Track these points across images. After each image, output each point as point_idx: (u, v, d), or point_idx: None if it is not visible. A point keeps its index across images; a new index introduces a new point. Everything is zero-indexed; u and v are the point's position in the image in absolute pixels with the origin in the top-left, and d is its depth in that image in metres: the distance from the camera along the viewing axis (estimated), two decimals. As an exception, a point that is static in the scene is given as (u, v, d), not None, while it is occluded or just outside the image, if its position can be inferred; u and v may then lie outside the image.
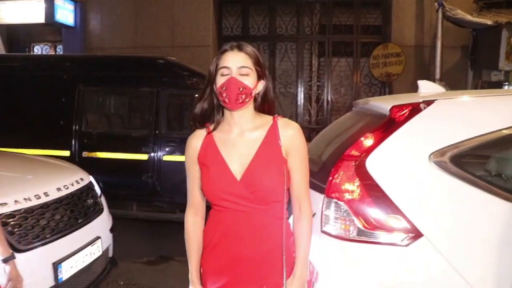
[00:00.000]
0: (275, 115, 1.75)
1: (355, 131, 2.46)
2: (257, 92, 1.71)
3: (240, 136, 1.71)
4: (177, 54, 7.99)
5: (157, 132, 5.37)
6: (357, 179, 2.06)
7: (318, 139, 3.44)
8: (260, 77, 1.70)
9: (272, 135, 1.70)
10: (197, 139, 1.76)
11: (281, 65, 8.94)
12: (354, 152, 2.12)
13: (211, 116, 1.75)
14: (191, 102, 5.85)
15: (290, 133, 1.70)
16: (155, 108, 5.40)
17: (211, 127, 1.75)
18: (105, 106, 5.98)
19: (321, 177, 2.32)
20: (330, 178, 2.12)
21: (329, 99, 8.67)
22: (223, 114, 1.74)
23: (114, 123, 5.85)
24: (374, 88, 8.67)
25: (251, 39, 8.82)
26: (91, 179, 3.45)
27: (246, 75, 1.65)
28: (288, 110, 8.91)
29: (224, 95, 1.65)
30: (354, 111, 3.05)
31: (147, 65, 5.62)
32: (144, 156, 5.34)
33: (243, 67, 1.65)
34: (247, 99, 1.66)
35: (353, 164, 2.08)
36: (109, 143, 5.49)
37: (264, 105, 1.75)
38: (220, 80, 1.66)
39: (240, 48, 1.68)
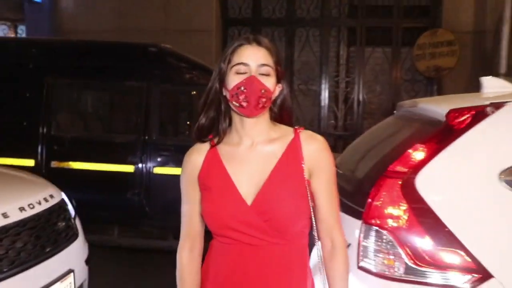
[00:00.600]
0: (297, 127, 1.77)
1: (400, 141, 2.46)
2: (274, 97, 1.74)
3: (251, 150, 1.72)
4: (172, 40, 7.98)
5: (146, 137, 5.37)
6: (404, 201, 2.05)
7: (350, 151, 3.42)
8: (279, 79, 1.73)
9: (293, 151, 1.71)
10: (197, 154, 1.77)
11: (301, 57, 8.95)
12: (400, 168, 2.11)
13: (216, 125, 1.77)
14: (190, 101, 5.85)
15: (315, 148, 1.71)
16: (144, 108, 5.41)
17: (216, 139, 1.76)
18: (81, 104, 5.99)
19: (356, 198, 2.30)
20: (370, 200, 2.10)
21: (361, 99, 8.66)
22: (230, 123, 1.76)
23: (92, 126, 5.86)
24: (418, 86, 8.65)
25: (263, 23, 8.85)
26: (63, 196, 3.45)
27: (267, 75, 1.67)
28: (309, 112, 8.90)
29: (241, 97, 1.65)
30: (398, 116, 3.04)
31: (135, 54, 5.64)
32: (129, 168, 5.35)
33: (264, 65, 1.67)
34: (266, 104, 1.68)
35: (399, 182, 2.08)
36: (86, 150, 5.49)
37: (282, 114, 1.79)
38: (234, 79, 1.67)
39: (259, 42, 1.70)
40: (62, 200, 3.41)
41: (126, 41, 6.64)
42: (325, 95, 8.78)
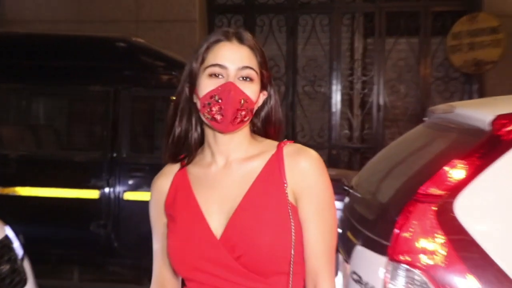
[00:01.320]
0: (283, 141, 1.75)
1: (433, 155, 2.48)
2: (257, 107, 1.75)
3: (225, 171, 1.73)
4: (145, 33, 8.02)
5: (114, 155, 5.38)
6: (441, 232, 2.05)
7: (369, 168, 3.43)
8: (264, 85, 1.74)
9: (274, 169, 1.69)
10: (163, 177, 1.80)
11: (306, 51, 8.98)
12: (434, 190, 2.12)
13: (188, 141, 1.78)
14: (168, 108, 5.88)
15: (302, 165, 1.68)
16: (111, 118, 5.42)
17: (186, 158, 1.78)
18: (31, 114, 5.99)
19: (379, 228, 2.30)
20: (396, 230, 2.11)
21: (382, 102, 8.68)
22: (203, 140, 1.78)
23: (45, 141, 5.86)
24: (453, 85, 8.69)
25: (259, 9, 8.89)
26: (8, 231, 3.45)
27: (250, 80, 1.67)
28: (317, 120, 8.91)
29: (215, 109, 1.65)
30: (429, 124, 3.05)
31: (99, 50, 5.66)
32: (93, 193, 5.35)
33: (246, 67, 1.67)
34: (246, 118, 1.68)
35: (433, 208, 2.08)
36: (37, 172, 5.50)
37: (267, 128, 1.81)
38: (207, 84, 1.67)
39: (241, 39, 1.69)
40: (6, 236, 3.41)
41: (88, 34, 6.66)
42: (336, 98, 8.80)
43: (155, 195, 1.80)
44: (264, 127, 1.79)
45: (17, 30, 7.74)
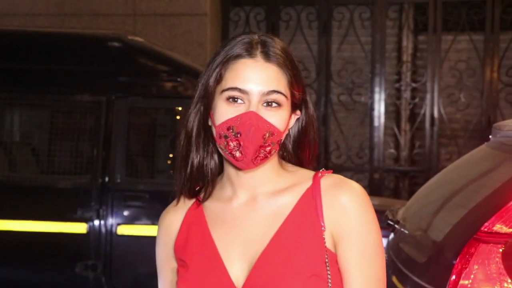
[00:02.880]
0: (320, 171, 1.77)
1: (500, 183, 2.46)
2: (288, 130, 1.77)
3: (249, 207, 1.75)
4: (145, 29, 8.07)
5: (106, 180, 5.39)
6: (509, 279, 2.05)
7: (420, 198, 3.41)
8: (295, 106, 1.75)
9: (309, 206, 1.70)
10: (173, 214, 1.83)
11: (342, 52, 9.00)
12: (501, 227, 2.12)
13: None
14: (173, 122, 5.87)
15: (344, 204, 1.69)
16: (103, 134, 5.43)
17: (202, 193, 1.80)
18: (3, 128, 6.01)
19: (432, 273, 2.30)
20: (453, 276, 2.10)
21: (436, 115, 8.65)
22: (221, 167, 1.80)
23: (21, 163, 5.88)
24: (527, 94, 8.65)
25: (285, 0, 8.91)
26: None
27: (278, 106, 1.69)
28: (355, 137, 8.90)
29: (233, 144, 1.67)
30: (495, 143, 3.04)
31: (88, 51, 5.69)
32: (79, 227, 5.36)
33: (273, 92, 1.68)
34: (271, 153, 1.70)
35: (500, 249, 2.08)
36: (11, 201, 5.51)
37: (299, 152, 1.81)
38: (225, 111, 1.68)
39: (267, 55, 1.70)
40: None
41: (74, 30, 6.71)
42: (380, 109, 8.79)
43: (163, 235, 1.83)
44: (295, 150, 1.80)
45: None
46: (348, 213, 1.67)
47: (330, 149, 8.94)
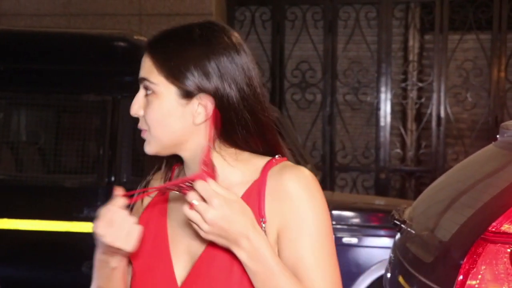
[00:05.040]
0: (274, 158, 1.71)
1: (508, 183, 2.46)
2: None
3: None
4: (150, 29, 8.06)
5: (112, 179, 5.40)
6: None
7: (427, 198, 3.41)
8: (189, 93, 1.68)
9: (252, 201, 1.63)
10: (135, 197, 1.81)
11: (348, 51, 9.01)
12: (509, 227, 2.13)
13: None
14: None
15: (286, 191, 1.62)
16: (109, 134, 5.44)
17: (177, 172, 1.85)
18: (10, 128, 6.03)
19: (438, 274, 2.30)
20: (461, 277, 2.11)
21: (443, 115, 8.65)
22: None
23: (27, 162, 5.90)
24: (533, 94, 8.65)
25: (290, 1, 8.91)
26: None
27: (153, 94, 1.72)
28: (362, 136, 8.91)
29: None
30: (502, 143, 3.05)
31: (94, 51, 5.70)
32: (86, 226, 5.37)
33: (142, 79, 1.75)
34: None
35: (508, 250, 2.09)
36: (17, 201, 5.53)
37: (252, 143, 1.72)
38: None
39: (150, 43, 1.79)
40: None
41: (80, 30, 6.73)
42: (386, 109, 8.79)
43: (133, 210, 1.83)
44: (244, 145, 1.71)
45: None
46: (293, 199, 1.61)
47: (335, 149, 8.95)
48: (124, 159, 5.43)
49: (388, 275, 3.36)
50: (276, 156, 1.71)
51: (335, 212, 5.48)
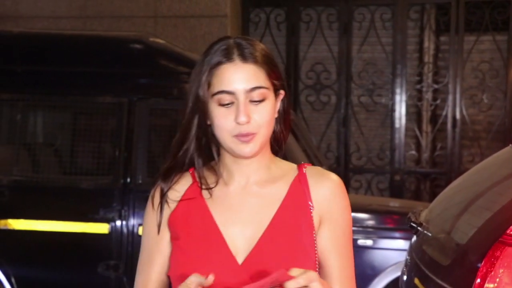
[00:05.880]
0: (302, 163, 2.00)
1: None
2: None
3: (246, 192, 1.95)
4: (166, 31, 8.10)
5: (128, 180, 5.40)
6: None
7: (443, 200, 3.40)
8: (278, 90, 1.95)
9: (299, 192, 1.94)
10: (170, 190, 1.98)
11: (363, 52, 9.00)
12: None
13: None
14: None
15: (327, 190, 1.95)
16: (124, 136, 5.45)
17: (196, 173, 1.98)
18: (27, 130, 6.05)
19: (455, 276, 2.29)
20: (478, 280, 2.10)
21: (458, 116, 8.64)
22: (218, 154, 1.99)
23: (44, 164, 5.91)
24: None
25: (305, 2, 8.93)
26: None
27: (263, 100, 1.87)
28: (376, 138, 8.89)
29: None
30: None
31: (110, 53, 5.72)
32: (101, 227, 5.37)
33: (254, 88, 1.86)
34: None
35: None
36: (34, 202, 5.54)
37: (283, 128, 2.02)
38: (219, 114, 1.87)
39: (244, 56, 1.88)
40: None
41: (96, 32, 6.74)
42: (401, 111, 8.78)
43: (156, 208, 1.97)
44: (281, 126, 2.00)
45: (9, 28, 7.89)
46: (331, 198, 1.93)
47: (350, 150, 8.95)
48: (140, 161, 5.43)
49: (404, 277, 3.36)
50: (302, 162, 2.01)
51: (350, 214, 5.47)
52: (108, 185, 5.44)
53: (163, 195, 1.96)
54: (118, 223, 5.37)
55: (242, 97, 1.84)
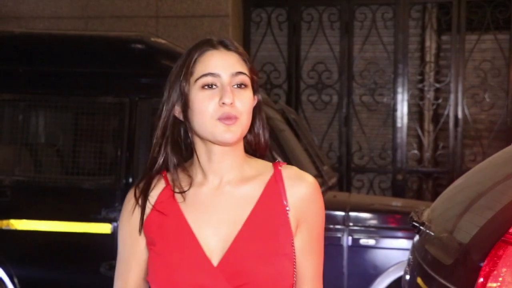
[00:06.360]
0: (277, 161, 2.01)
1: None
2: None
3: (219, 192, 1.96)
4: (168, 31, 8.11)
5: (130, 180, 5.41)
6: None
7: (445, 199, 3.40)
8: (254, 92, 1.97)
9: (274, 192, 1.95)
10: (139, 195, 2.00)
11: (365, 52, 9.01)
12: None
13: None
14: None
15: (304, 192, 1.95)
16: (126, 136, 5.45)
17: (170, 176, 1.99)
18: (29, 130, 6.05)
19: (458, 276, 2.29)
20: (481, 279, 2.10)
21: (460, 115, 8.65)
22: (191, 154, 2.00)
23: (45, 164, 5.91)
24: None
25: (306, 1, 8.93)
26: (1, 274, 3.50)
27: (245, 87, 1.92)
28: (378, 137, 8.91)
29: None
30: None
31: (111, 53, 5.72)
32: (104, 227, 5.37)
33: (239, 73, 1.91)
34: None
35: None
36: (36, 201, 5.54)
37: (258, 139, 2.03)
38: (203, 98, 1.89)
39: (227, 46, 1.94)
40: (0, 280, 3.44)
41: (97, 32, 6.74)
42: (402, 110, 8.79)
43: (128, 213, 1.99)
44: (256, 138, 2.01)
45: (11, 28, 7.90)
46: (309, 202, 1.94)
47: (352, 150, 8.95)
48: (142, 161, 5.43)
49: (407, 277, 3.35)
50: (277, 160, 2.06)
51: (352, 214, 5.47)
52: (110, 185, 5.44)
53: (137, 201, 1.97)
54: (120, 223, 5.37)
55: (227, 80, 1.87)
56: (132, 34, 6.08)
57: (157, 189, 1.98)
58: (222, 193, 1.94)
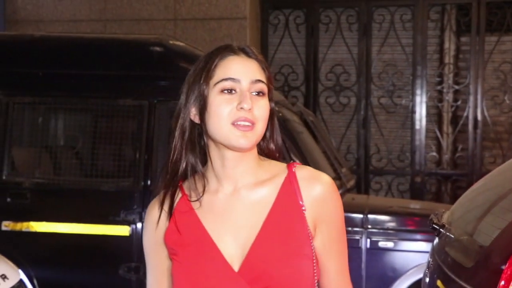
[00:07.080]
0: (291, 162, 2.01)
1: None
2: None
3: (234, 198, 1.97)
4: (186, 34, 8.13)
5: (148, 183, 5.42)
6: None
7: (465, 202, 3.38)
8: (269, 99, 1.98)
9: (289, 194, 1.95)
10: (160, 206, 2.01)
11: (383, 54, 8.99)
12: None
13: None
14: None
15: (320, 192, 1.96)
16: (145, 138, 5.46)
17: (185, 186, 2.00)
18: (48, 133, 6.07)
19: (479, 278, 2.28)
20: (502, 282, 2.08)
21: (480, 117, 8.61)
22: (205, 163, 2.00)
23: (65, 166, 5.93)
24: None
25: (324, 3, 8.97)
26: (21, 276, 3.51)
27: (263, 95, 1.93)
28: (396, 140, 8.88)
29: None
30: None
31: (130, 56, 5.73)
32: (122, 230, 5.38)
33: (259, 81, 1.92)
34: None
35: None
36: (56, 204, 5.55)
37: (270, 145, 2.04)
38: (221, 102, 1.89)
39: (248, 53, 1.95)
40: (21, 282, 3.45)
41: (115, 35, 6.75)
42: (421, 112, 8.77)
43: (150, 226, 2.02)
44: (268, 144, 2.02)
45: (30, 32, 7.94)
46: (325, 201, 1.94)
47: (370, 152, 8.94)
48: (160, 163, 5.44)
49: (427, 279, 3.34)
50: (291, 161, 2.03)
51: (370, 216, 5.45)
52: (129, 187, 5.45)
53: (161, 212, 1.98)
54: (139, 225, 5.37)
55: (246, 86, 1.88)
56: (151, 37, 6.09)
57: (175, 199, 1.99)
58: (238, 198, 1.95)
